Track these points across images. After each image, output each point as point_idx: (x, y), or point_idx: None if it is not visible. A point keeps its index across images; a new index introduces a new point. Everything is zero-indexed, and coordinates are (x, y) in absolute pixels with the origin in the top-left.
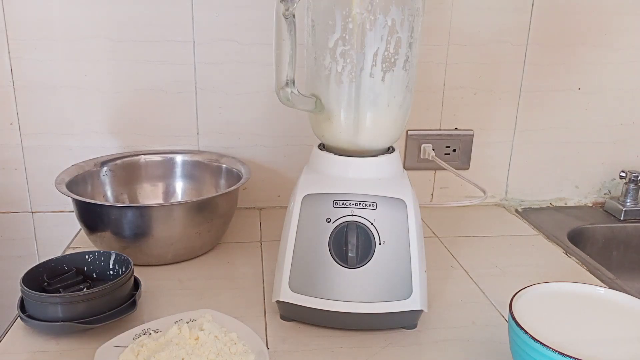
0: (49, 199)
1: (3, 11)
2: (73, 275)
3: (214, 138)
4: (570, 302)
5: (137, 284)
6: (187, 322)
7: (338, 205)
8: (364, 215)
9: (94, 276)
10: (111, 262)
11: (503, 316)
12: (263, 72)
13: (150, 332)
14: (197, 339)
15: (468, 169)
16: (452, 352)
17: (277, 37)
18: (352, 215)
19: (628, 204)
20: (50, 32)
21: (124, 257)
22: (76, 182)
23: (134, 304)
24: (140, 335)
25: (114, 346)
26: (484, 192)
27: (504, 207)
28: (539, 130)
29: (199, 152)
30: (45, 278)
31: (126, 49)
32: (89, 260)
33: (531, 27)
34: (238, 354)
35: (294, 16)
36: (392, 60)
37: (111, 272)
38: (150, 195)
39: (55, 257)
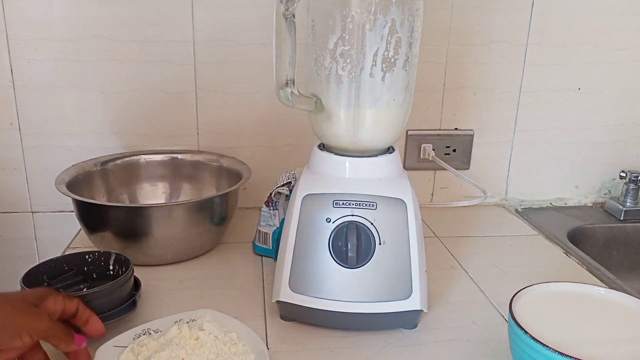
0: (49, 199)
1: (3, 11)
2: (73, 275)
3: (214, 138)
4: (570, 302)
5: (137, 284)
6: (187, 322)
7: (338, 205)
8: (364, 215)
9: (94, 276)
10: (111, 262)
11: (503, 316)
12: (263, 72)
13: (151, 332)
14: (197, 339)
15: (468, 169)
16: (452, 352)
17: (277, 37)
18: (352, 215)
19: (628, 204)
20: (50, 32)
21: (124, 257)
22: (76, 182)
23: (134, 304)
24: (141, 335)
25: (114, 346)
26: (484, 192)
27: (504, 207)
28: (539, 130)
29: (199, 152)
30: (45, 278)
31: (126, 48)
32: (89, 260)
33: (531, 27)
34: (238, 354)
35: (294, 16)
36: (392, 60)
37: (111, 272)
38: (150, 195)
39: (55, 257)
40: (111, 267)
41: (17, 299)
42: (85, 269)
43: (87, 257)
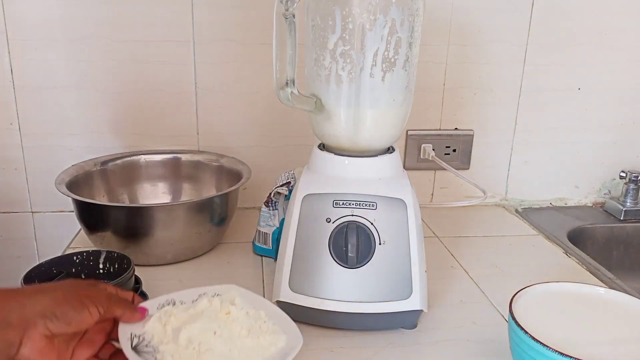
0: (49, 199)
1: (3, 11)
2: (64, 277)
3: (214, 138)
4: (570, 302)
5: (137, 284)
6: (213, 296)
7: (338, 205)
8: (364, 215)
9: (82, 277)
10: (101, 260)
11: (503, 316)
12: (263, 72)
13: (175, 302)
14: (228, 313)
15: (468, 169)
16: (452, 352)
17: (277, 37)
18: (352, 215)
19: (628, 204)
20: (50, 32)
21: (117, 253)
22: (76, 182)
23: (144, 296)
24: (165, 305)
25: None
26: (484, 192)
27: (504, 207)
28: (539, 130)
29: (199, 152)
30: (37, 283)
31: (126, 49)
32: (77, 261)
33: (531, 27)
34: (269, 332)
35: (294, 16)
36: (392, 60)
37: (101, 271)
38: (150, 195)
39: (44, 261)
40: (101, 266)
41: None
42: (74, 270)
43: (74, 258)
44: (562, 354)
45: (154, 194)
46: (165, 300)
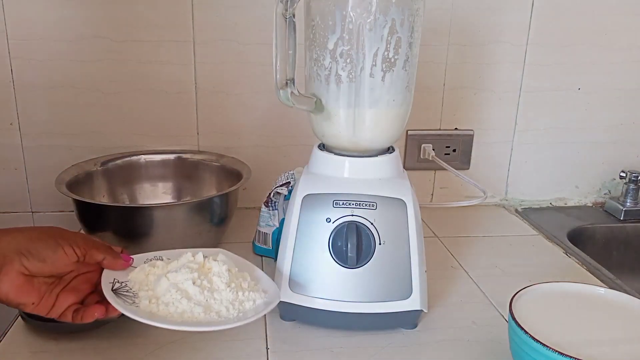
0: (49, 199)
1: (3, 11)
2: None
3: (214, 138)
4: (570, 302)
5: None
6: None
7: (338, 205)
8: (363, 215)
9: None
10: None
11: (503, 316)
12: (263, 72)
13: (162, 258)
14: (209, 268)
15: (468, 169)
16: (452, 352)
17: (277, 37)
18: (352, 215)
19: (628, 204)
20: (50, 32)
21: None
22: (76, 182)
23: None
24: (151, 260)
25: None
26: (484, 192)
27: (504, 207)
28: (539, 130)
29: (199, 152)
30: None
31: (126, 49)
32: None
33: (531, 27)
34: (248, 289)
35: (294, 16)
36: (392, 60)
37: None
38: (150, 195)
39: None
40: None
41: (52, 226)
42: None
43: None
44: (562, 354)
45: (154, 194)
46: (153, 256)
